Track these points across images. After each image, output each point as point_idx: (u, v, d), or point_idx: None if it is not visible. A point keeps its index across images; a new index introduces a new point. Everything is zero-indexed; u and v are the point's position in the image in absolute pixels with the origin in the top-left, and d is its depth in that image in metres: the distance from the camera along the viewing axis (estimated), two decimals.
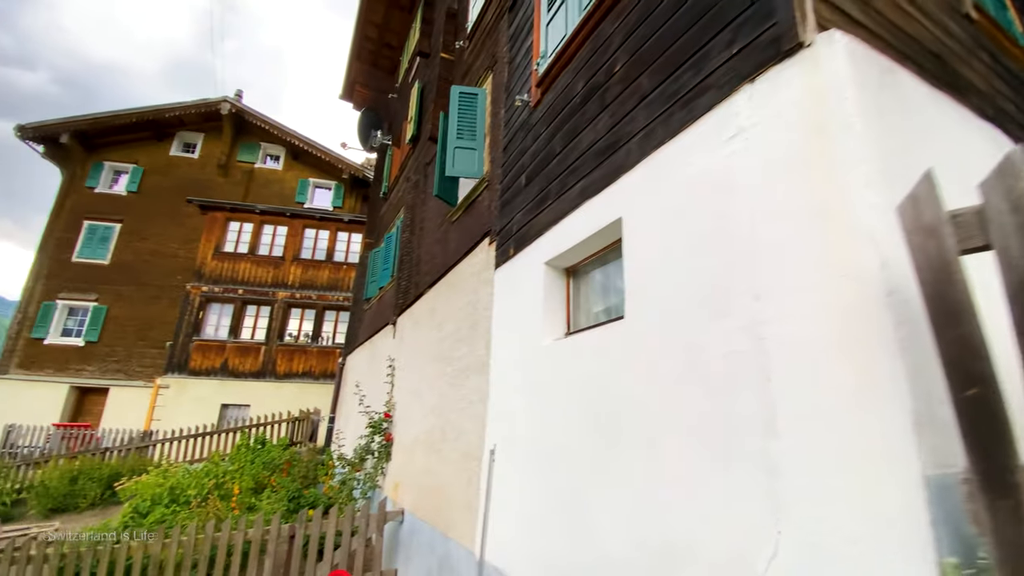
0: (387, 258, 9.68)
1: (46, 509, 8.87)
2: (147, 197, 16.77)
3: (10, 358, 14.64)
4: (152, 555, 4.51)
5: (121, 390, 14.74)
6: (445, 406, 4.48)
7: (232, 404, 13.68)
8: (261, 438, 10.30)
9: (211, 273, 14.54)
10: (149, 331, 15.42)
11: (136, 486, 9.44)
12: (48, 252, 15.68)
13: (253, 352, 14.19)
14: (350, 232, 16.16)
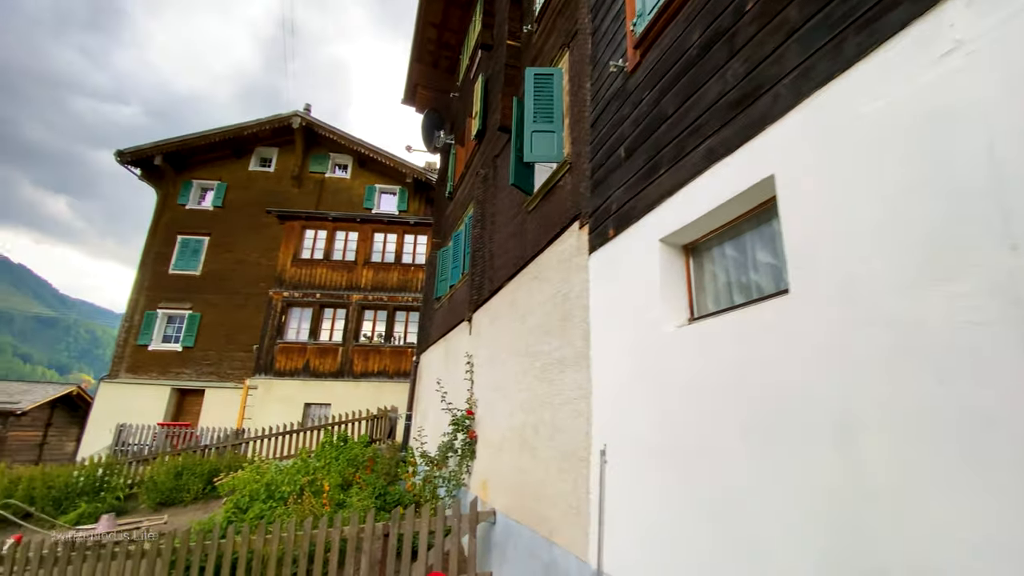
0: (456, 256, 9.65)
1: (155, 503, 9.61)
2: (230, 211, 17.97)
3: (120, 364, 16.18)
4: (255, 550, 4.62)
5: (215, 391, 15.87)
6: (535, 402, 4.24)
7: (314, 403, 14.31)
8: (343, 435, 10.63)
9: (291, 279, 15.31)
10: (237, 335, 16.50)
11: (233, 481, 10.02)
12: (148, 266, 17.20)
13: (332, 353, 14.77)
14: (416, 234, 16.44)
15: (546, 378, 4.04)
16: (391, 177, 18.93)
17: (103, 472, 9.75)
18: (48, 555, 4.72)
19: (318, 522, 4.73)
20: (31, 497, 8.91)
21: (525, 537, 3.97)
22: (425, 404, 9.97)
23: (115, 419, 14.92)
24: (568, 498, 3.35)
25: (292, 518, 5.19)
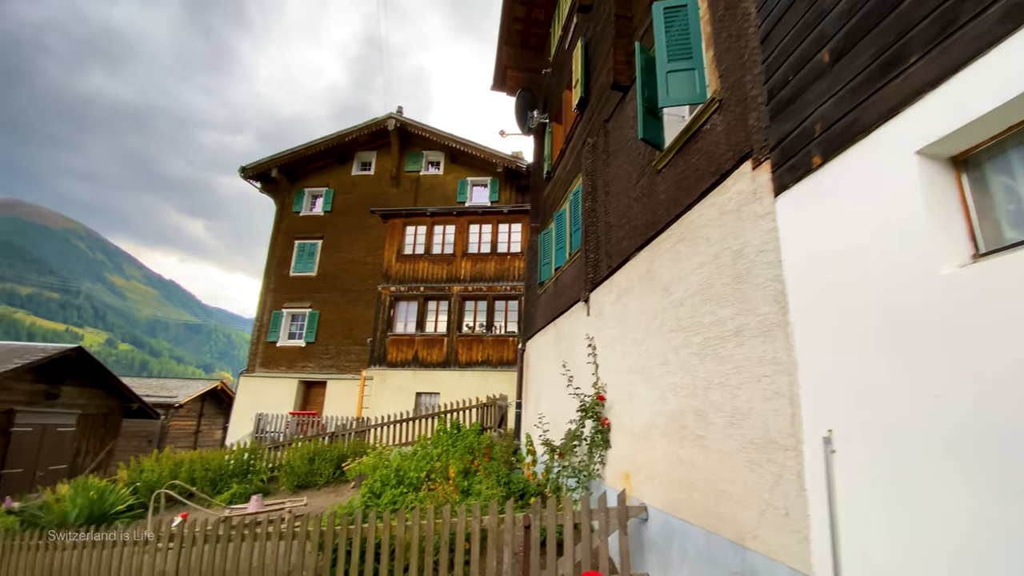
0: (560, 237, 9.20)
1: (293, 486, 10.34)
2: (338, 214, 19.13)
3: (254, 359, 17.93)
4: (396, 536, 4.53)
5: (336, 382, 17.01)
6: (697, 384, 3.63)
7: (425, 392, 14.73)
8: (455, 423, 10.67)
9: (396, 274, 15.89)
10: (352, 330, 17.53)
11: (359, 467, 10.49)
12: (272, 270, 18.86)
13: (437, 344, 15.10)
14: (510, 223, 16.26)
15: (713, 355, 3.41)
16: (481, 169, 18.96)
17: (248, 457, 10.69)
18: (211, 533, 5.01)
19: (456, 510, 4.53)
20: (192, 478, 9.99)
21: (697, 539, 3.40)
22: (536, 392, 9.67)
23: (253, 409, 16.56)
24: (766, 496, 2.72)
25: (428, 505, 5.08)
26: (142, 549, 5.21)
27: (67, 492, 8.36)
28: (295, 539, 4.78)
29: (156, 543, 5.17)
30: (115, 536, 5.30)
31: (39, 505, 8.14)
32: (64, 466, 14.97)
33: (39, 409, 14.24)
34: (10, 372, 13.08)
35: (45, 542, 5.50)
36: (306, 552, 4.72)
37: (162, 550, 5.12)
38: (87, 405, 15.96)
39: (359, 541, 4.59)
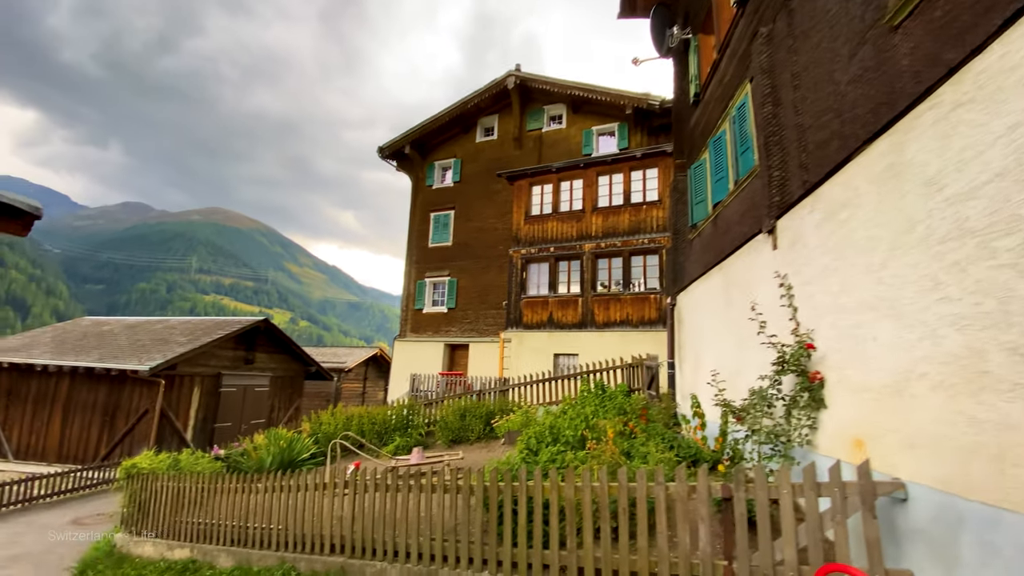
0: (719, 167, 7.80)
1: (448, 440, 10.74)
2: (467, 184, 19.38)
3: (405, 325, 19.26)
4: (566, 498, 4.03)
5: (477, 345, 17.53)
6: (1016, 308, 2.40)
7: (562, 353, 14.36)
8: (600, 384, 10.04)
9: (526, 236, 15.57)
10: (487, 295, 17.82)
11: (507, 423, 10.47)
12: (413, 243, 19.91)
13: (572, 304, 14.54)
14: (644, 169, 14.78)
15: None
16: (607, 116, 17.53)
17: (407, 413, 11.35)
18: (381, 482, 5.06)
19: (633, 473, 3.88)
20: (362, 431, 10.92)
21: (1018, 530, 2.27)
22: (695, 349, 8.53)
23: (407, 370, 17.88)
24: None
25: (592, 466, 4.53)
26: (323, 494, 5.52)
27: (262, 442, 9.62)
28: (460, 493, 4.58)
29: (334, 489, 5.41)
30: (301, 481, 5.70)
31: (240, 452, 9.48)
32: (262, 420, 17.80)
33: (240, 372, 16.98)
34: (217, 341, 15.69)
35: (244, 485, 6.20)
36: (471, 506, 4.49)
37: (339, 495, 5.35)
38: (276, 368, 18.68)
39: (525, 500, 4.20)
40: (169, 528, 6.72)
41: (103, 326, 17.93)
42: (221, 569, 5.87)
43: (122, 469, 7.49)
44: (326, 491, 5.47)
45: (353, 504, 5.16)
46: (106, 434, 13.81)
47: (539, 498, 4.14)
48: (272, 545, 5.69)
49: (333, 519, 5.31)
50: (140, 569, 6.37)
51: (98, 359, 14.02)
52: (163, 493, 6.93)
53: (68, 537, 8.59)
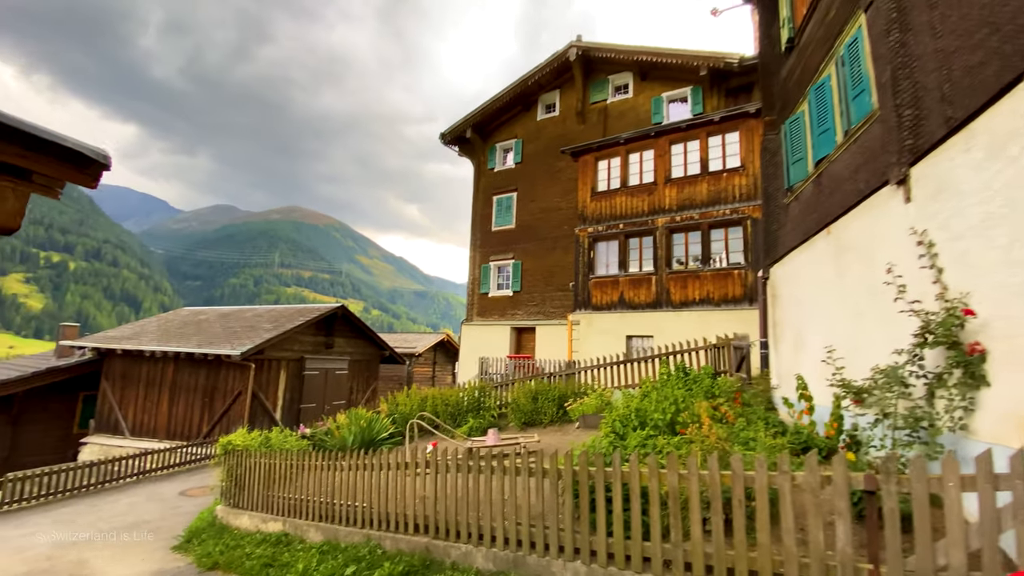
0: (822, 117, 6.87)
1: (520, 423, 10.55)
2: (528, 164, 18.94)
3: (472, 309, 19.33)
4: (669, 487, 3.60)
5: (543, 328, 17.22)
6: None
7: (635, 335, 13.69)
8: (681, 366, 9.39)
9: (592, 214, 14.93)
10: (552, 277, 17.41)
11: (581, 407, 10.10)
12: (477, 227, 19.85)
13: (645, 283, 13.78)
14: (723, 133, 13.60)
15: None
16: (678, 80, 16.31)
17: (478, 395, 11.29)
18: (463, 463, 4.88)
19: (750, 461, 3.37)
20: (436, 412, 11.00)
21: None
22: (796, 325, 7.65)
23: (475, 354, 17.95)
24: None
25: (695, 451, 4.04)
26: (404, 473, 5.45)
27: (344, 421, 9.91)
28: (546, 477, 4.28)
29: (416, 469, 5.32)
30: (383, 460, 5.67)
31: (324, 431, 9.82)
32: (343, 401, 18.63)
33: (321, 356, 17.81)
34: (299, 327, 16.50)
35: (329, 463, 6.30)
36: (559, 492, 4.18)
37: (421, 475, 5.24)
38: (353, 353, 19.46)
39: (620, 487, 3.82)
40: (263, 502, 7.02)
41: (200, 315, 19.51)
42: (311, 543, 6.01)
43: (219, 446, 7.95)
44: (408, 471, 5.39)
45: (435, 484, 5.03)
46: (207, 413, 15.01)
47: (636, 485, 3.74)
48: (358, 522, 5.73)
49: (416, 499, 5.22)
50: (239, 540, 6.70)
51: (196, 345, 15.21)
52: (256, 469, 7.25)
53: (177, 506, 9.35)
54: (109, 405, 16.07)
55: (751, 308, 12.39)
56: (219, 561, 6.28)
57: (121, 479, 11.04)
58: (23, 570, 6.53)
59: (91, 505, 9.57)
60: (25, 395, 15.50)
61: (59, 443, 16.38)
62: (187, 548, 7.00)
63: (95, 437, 15.86)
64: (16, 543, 7.52)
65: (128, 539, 7.61)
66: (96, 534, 7.90)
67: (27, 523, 8.47)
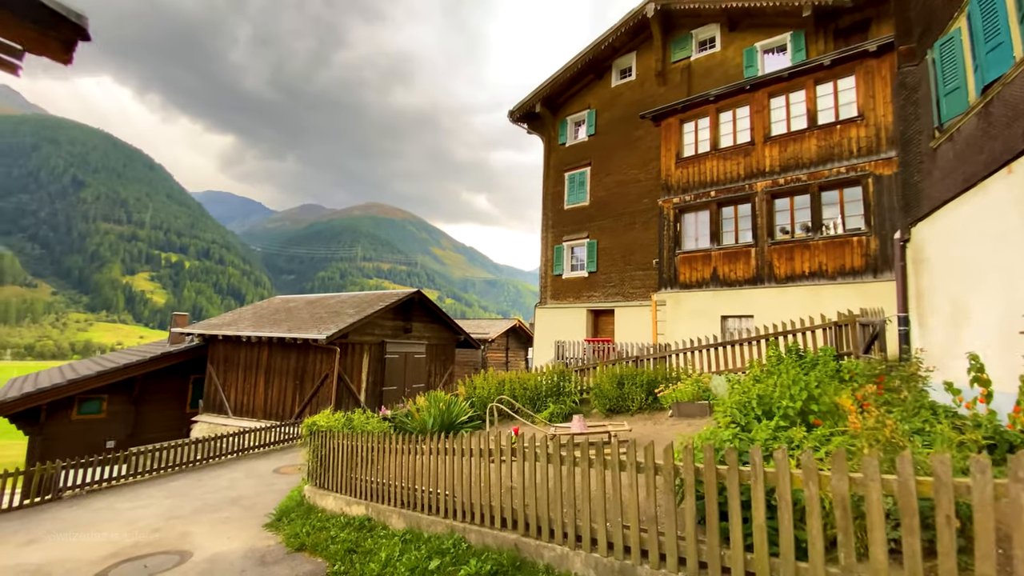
0: (991, 29, 5.46)
1: (604, 409, 9.78)
2: (603, 135, 17.77)
3: (545, 292, 18.67)
4: (837, 494, 2.72)
5: (623, 310, 16.18)
6: None
7: (732, 315, 12.32)
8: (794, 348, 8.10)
9: (678, 183, 13.61)
10: (632, 255, 16.26)
11: (675, 393, 9.14)
12: (548, 207, 19.07)
13: (742, 257, 12.32)
14: (834, 80, 11.71)
15: None
16: (775, 26, 14.35)
17: (558, 379, 10.65)
18: (554, 453, 4.24)
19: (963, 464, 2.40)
20: (514, 396, 10.53)
21: None
22: (957, 295, 6.17)
23: (550, 337, 17.33)
24: None
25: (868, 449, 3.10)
26: (488, 461, 4.93)
27: (424, 404, 9.71)
28: (658, 474, 3.53)
29: (501, 456, 4.78)
30: (464, 445, 5.20)
31: (405, 413, 9.68)
32: (421, 385, 18.84)
33: (400, 340, 18.06)
34: (379, 312, 16.77)
35: (409, 446, 5.96)
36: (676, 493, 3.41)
37: (506, 462, 4.69)
38: (431, 337, 19.61)
39: (762, 490, 2.98)
40: (346, 484, 6.89)
41: (290, 303, 20.59)
42: (393, 531, 5.72)
43: (305, 426, 7.98)
44: (492, 459, 4.87)
45: (523, 475, 4.45)
46: (298, 395, 15.74)
47: (786, 490, 2.89)
48: (440, 511, 5.33)
49: (503, 490, 4.69)
50: (324, 521, 6.61)
51: (287, 330, 15.95)
52: (339, 450, 7.14)
53: (271, 483, 9.68)
54: (214, 387, 17.40)
55: (875, 280, 10.62)
56: (305, 543, 6.20)
57: (223, 455, 11.74)
58: (132, 541, 6.89)
59: (197, 479, 10.18)
60: (144, 378, 17.17)
61: (175, 421, 18.05)
62: (277, 526, 7.06)
63: (204, 416, 17.26)
64: (129, 515, 8.06)
65: (227, 514, 7.88)
66: (200, 507, 8.29)
67: (141, 495, 9.12)
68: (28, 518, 8.08)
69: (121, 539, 6.97)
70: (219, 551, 6.40)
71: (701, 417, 8.81)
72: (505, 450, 4.69)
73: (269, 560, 5.97)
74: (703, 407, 8.84)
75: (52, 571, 6.07)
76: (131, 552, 6.54)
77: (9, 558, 6.53)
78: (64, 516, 8.14)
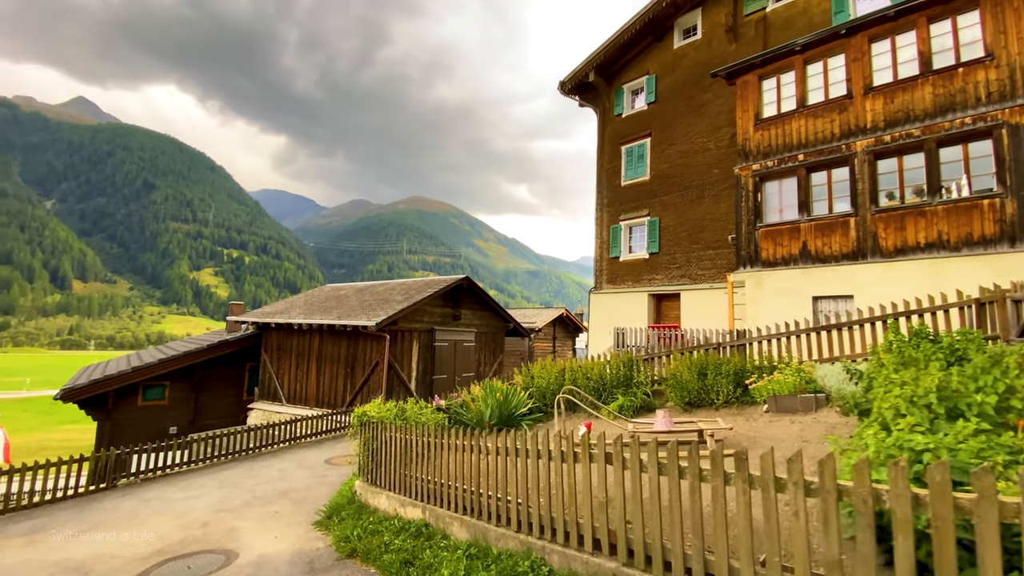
0: None
1: (683, 402, 8.60)
2: (664, 103, 16.25)
3: (600, 276, 17.46)
4: None
5: (690, 294, 14.76)
6: None
7: (825, 296, 10.74)
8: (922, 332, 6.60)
9: (757, 148, 12.03)
10: (700, 233, 14.77)
11: (770, 385, 7.86)
12: (603, 184, 17.77)
13: (839, 228, 10.69)
14: (952, 16, 9.83)
15: None
16: None
17: (625, 368, 9.55)
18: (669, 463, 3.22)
19: None
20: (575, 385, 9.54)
21: None
22: None
23: (607, 324, 16.15)
24: None
25: None
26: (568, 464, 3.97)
27: (479, 393, 8.90)
28: (844, 496, 2.44)
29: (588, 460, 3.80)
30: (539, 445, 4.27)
31: (460, 404, 8.89)
32: (471, 374, 18.16)
33: (449, 328, 17.42)
34: (427, 298, 16.16)
35: (470, 442, 5.10)
36: (858, 526, 2.32)
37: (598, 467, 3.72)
38: (480, 325, 18.89)
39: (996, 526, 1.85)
40: (400, 482, 6.16)
41: (339, 291, 20.42)
42: (455, 541, 4.90)
43: (354, 416, 7.33)
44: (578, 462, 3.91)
45: (622, 487, 3.46)
46: (349, 383, 15.42)
47: None
48: (511, 523, 4.44)
49: (594, 504, 3.73)
50: (377, 524, 5.91)
51: (337, 317, 15.62)
52: (392, 444, 6.42)
53: (322, 475, 9.19)
54: (268, 375, 17.43)
55: (1012, 251, 8.84)
56: (357, 548, 5.50)
57: (275, 444, 11.45)
58: (180, 537, 6.46)
59: (250, 469, 9.86)
60: (203, 366, 17.41)
61: (232, 408, 18.27)
62: (327, 525, 6.44)
63: (259, 404, 17.35)
64: (180, 506, 7.71)
65: (276, 508, 7.38)
66: (250, 500, 7.86)
67: (194, 485, 8.83)
68: (81, 507, 7.91)
69: (169, 534, 6.57)
70: (265, 552, 5.83)
71: (805, 413, 7.50)
72: (597, 455, 3.71)
73: (318, 567, 5.32)
74: (808, 401, 7.53)
75: (94, 569, 5.68)
76: (177, 550, 6.10)
77: (55, 552, 6.24)
78: (116, 506, 7.91)
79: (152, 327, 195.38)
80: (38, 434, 35.42)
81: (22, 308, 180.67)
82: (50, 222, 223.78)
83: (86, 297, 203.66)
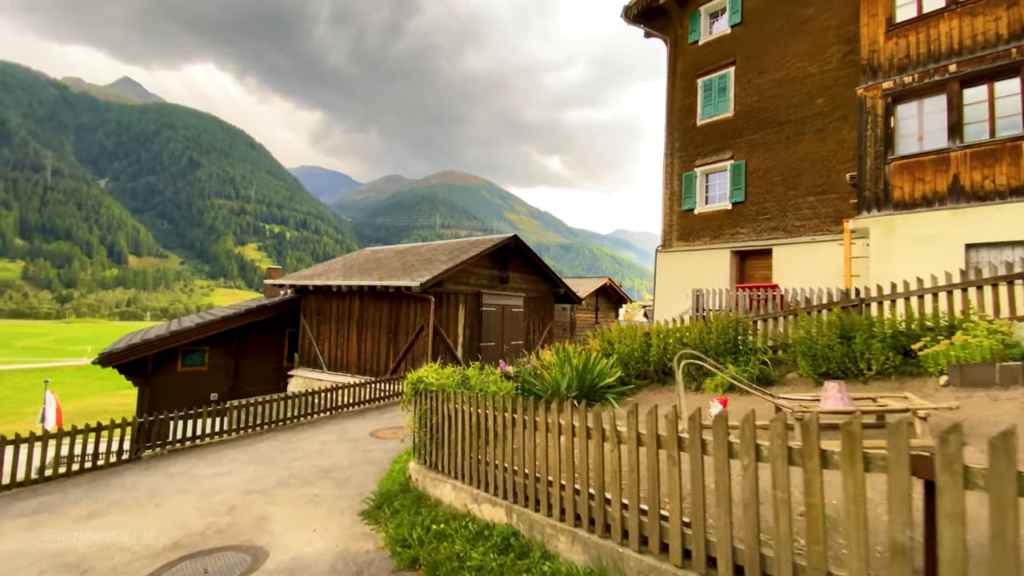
0: None
1: (816, 372, 6.76)
2: (752, 23, 13.70)
3: (670, 233, 15.37)
4: None
5: (784, 248, 12.55)
6: None
7: (982, 243, 8.47)
8: None
9: (890, 60, 9.59)
10: (798, 177, 12.44)
11: (951, 350, 5.89)
12: (674, 127, 15.48)
13: (1005, 156, 8.30)
14: None
15: None
16: None
17: (734, 331, 7.70)
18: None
19: None
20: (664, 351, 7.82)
21: None
22: None
23: (677, 286, 14.17)
24: None
25: None
26: (783, 463, 2.27)
27: (551, 359, 7.31)
28: None
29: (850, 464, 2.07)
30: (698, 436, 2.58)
31: (530, 371, 7.32)
32: (520, 341, 16.65)
33: (496, 291, 15.86)
34: (473, 258, 14.59)
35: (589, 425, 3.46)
36: None
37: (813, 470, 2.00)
38: (528, 289, 17.25)
39: None
40: (471, 470, 4.66)
41: (379, 253, 19.16)
42: (567, 565, 3.33)
43: (408, 383, 5.87)
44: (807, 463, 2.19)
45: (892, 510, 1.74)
46: (392, 349, 14.19)
47: None
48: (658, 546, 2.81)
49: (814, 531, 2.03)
50: (442, 523, 4.45)
51: (378, 278, 14.31)
52: (458, 420, 4.90)
53: (367, 450, 7.90)
54: (308, 340, 16.45)
55: None
56: (419, 557, 4.05)
57: (316, 413, 10.29)
58: (201, 526, 5.22)
59: (286, 441, 8.71)
60: (242, 331, 16.58)
61: (272, 375, 17.50)
62: (377, 517, 5.06)
63: (299, 370, 16.45)
64: (207, 484, 6.53)
65: (315, 491, 6.09)
66: (286, 479, 6.62)
67: (224, 459, 7.70)
68: (97, 482, 6.87)
69: (190, 521, 5.35)
70: (301, 553, 4.48)
71: (1005, 387, 5.54)
72: (841, 456, 1.98)
73: None
74: (1012, 371, 5.55)
75: (95, 567, 4.48)
76: (196, 543, 4.85)
77: (56, 539, 5.11)
78: (136, 482, 6.83)
79: (203, 299, 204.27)
80: (99, 398, 36.77)
81: (83, 281, 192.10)
82: (104, 200, 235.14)
83: (141, 271, 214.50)
